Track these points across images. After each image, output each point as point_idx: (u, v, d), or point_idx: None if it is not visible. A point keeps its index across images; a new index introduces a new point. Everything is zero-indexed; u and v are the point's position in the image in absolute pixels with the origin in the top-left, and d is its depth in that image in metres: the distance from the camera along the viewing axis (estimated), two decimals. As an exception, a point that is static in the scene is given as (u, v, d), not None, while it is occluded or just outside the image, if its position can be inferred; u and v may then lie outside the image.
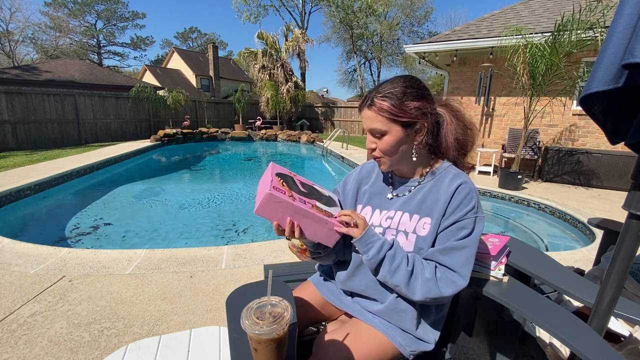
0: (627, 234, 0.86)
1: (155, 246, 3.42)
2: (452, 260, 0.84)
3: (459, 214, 0.85)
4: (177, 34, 45.68)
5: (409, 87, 0.87)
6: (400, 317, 0.93)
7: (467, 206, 0.85)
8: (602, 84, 0.71)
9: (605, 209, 4.37)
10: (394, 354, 0.92)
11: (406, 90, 0.86)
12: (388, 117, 0.85)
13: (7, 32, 27.16)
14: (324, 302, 1.08)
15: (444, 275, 0.83)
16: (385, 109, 0.85)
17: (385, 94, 0.85)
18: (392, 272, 0.84)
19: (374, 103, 0.86)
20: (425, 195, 0.91)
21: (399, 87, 0.86)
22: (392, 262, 0.85)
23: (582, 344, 0.81)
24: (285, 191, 0.83)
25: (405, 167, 0.95)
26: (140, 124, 12.39)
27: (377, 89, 0.88)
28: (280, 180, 0.87)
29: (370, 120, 0.88)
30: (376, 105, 0.86)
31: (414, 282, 0.84)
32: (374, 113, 0.86)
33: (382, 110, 0.85)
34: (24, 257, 2.59)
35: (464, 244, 0.84)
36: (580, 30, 4.52)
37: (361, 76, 29.17)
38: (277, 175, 0.88)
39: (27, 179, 5.02)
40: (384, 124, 0.86)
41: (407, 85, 0.87)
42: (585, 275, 1.64)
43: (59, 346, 1.62)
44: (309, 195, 0.89)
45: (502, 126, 7.06)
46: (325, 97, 25.05)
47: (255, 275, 2.37)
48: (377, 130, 0.87)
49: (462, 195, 0.86)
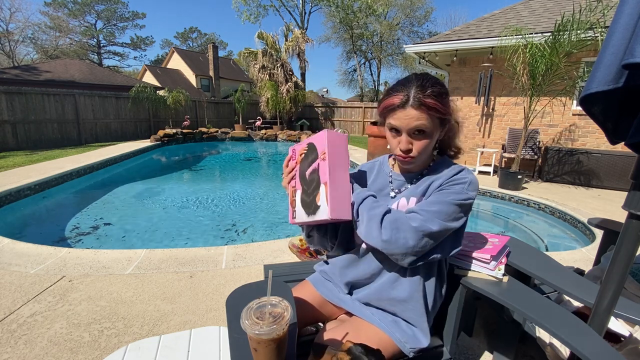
0: (627, 234, 0.86)
1: (155, 246, 3.42)
2: (424, 208, 0.86)
3: (449, 184, 0.89)
4: (177, 34, 45.74)
5: (442, 84, 0.88)
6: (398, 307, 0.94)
7: (459, 181, 0.89)
8: (602, 84, 0.71)
9: (605, 209, 4.37)
10: (393, 350, 0.92)
11: (442, 88, 0.87)
12: (436, 116, 0.86)
13: (7, 32, 27.17)
14: (323, 301, 1.08)
15: (413, 215, 0.86)
16: (434, 107, 0.84)
17: (430, 92, 0.85)
18: (372, 207, 0.88)
19: (422, 102, 0.83)
20: (424, 182, 0.95)
21: (437, 84, 0.87)
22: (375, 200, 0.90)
23: (582, 344, 0.81)
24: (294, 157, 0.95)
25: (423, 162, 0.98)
26: (140, 124, 12.40)
27: (418, 88, 0.85)
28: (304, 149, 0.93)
29: (416, 119, 0.85)
30: (425, 104, 0.84)
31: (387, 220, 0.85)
32: (421, 112, 0.84)
33: (430, 109, 0.84)
34: (24, 257, 2.59)
35: (439, 200, 0.86)
36: (580, 30, 4.52)
37: (361, 76, 29.20)
38: (308, 144, 0.93)
39: (27, 179, 5.02)
40: (431, 122, 0.86)
41: (441, 83, 0.88)
42: (585, 275, 1.64)
43: (59, 346, 1.62)
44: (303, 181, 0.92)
45: (502, 126, 7.06)
46: (325, 97, 25.07)
47: (255, 275, 2.37)
48: (424, 129, 0.86)
49: (457, 175, 0.90)
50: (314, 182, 0.88)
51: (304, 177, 0.91)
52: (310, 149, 0.91)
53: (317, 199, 0.85)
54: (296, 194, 0.92)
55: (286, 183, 0.97)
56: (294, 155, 0.96)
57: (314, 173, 0.88)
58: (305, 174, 0.91)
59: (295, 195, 0.93)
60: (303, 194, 0.91)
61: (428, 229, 0.83)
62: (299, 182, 0.93)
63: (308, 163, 0.90)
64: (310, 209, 0.87)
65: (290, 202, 0.93)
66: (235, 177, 7.73)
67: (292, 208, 0.93)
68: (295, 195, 0.93)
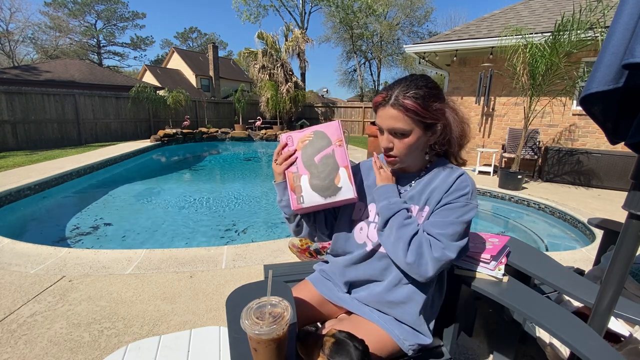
0: (627, 234, 0.86)
1: (155, 246, 3.42)
2: (439, 231, 0.86)
3: (452, 197, 0.88)
4: (177, 34, 45.72)
5: (432, 87, 0.87)
6: (397, 309, 0.94)
7: (461, 191, 0.88)
8: (602, 84, 0.71)
9: (605, 209, 4.37)
10: (393, 348, 0.92)
11: (430, 91, 0.86)
12: (413, 118, 0.85)
13: (7, 32, 27.17)
14: (323, 300, 1.08)
15: (434, 242, 0.85)
16: (411, 109, 0.84)
17: (412, 93, 0.84)
18: (403, 224, 0.87)
19: (399, 102, 0.84)
20: (423, 187, 0.94)
21: (423, 87, 0.85)
22: (407, 216, 0.89)
23: (582, 344, 0.81)
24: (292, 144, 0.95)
25: (413, 164, 0.97)
26: (140, 124, 12.39)
27: (402, 88, 0.86)
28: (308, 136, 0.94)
29: (393, 119, 0.86)
30: (403, 105, 0.84)
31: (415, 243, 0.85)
32: (399, 112, 0.85)
33: (408, 110, 0.84)
34: (24, 257, 2.59)
35: (451, 222, 0.86)
36: (580, 30, 4.52)
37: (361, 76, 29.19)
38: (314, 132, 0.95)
39: (27, 179, 5.02)
40: (409, 124, 0.86)
41: (430, 86, 0.87)
42: (585, 275, 1.64)
43: (59, 346, 1.62)
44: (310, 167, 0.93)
45: (502, 126, 7.06)
46: (325, 97, 25.05)
47: (255, 275, 2.37)
48: (400, 130, 0.87)
49: (457, 183, 0.89)
50: (329, 166, 0.92)
51: (312, 162, 0.93)
52: (318, 136, 0.94)
53: (337, 181, 0.91)
54: (300, 179, 0.93)
55: (282, 169, 0.94)
56: (291, 142, 0.95)
57: (329, 158, 0.92)
58: (313, 160, 0.93)
59: (299, 181, 0.92)
60: (313, 179, 0.92)
61: (447, 258, 0.84)
62: (303, 168, 0.93)
63: (316, 149, 0.93)
64: (329, 191, 0.92)
65: (293, 188, 0.92)
66: (235, 177, 7.73)
67: (295, 194, 0.92)
68: (299, 180, 0.93)
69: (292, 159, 0.93)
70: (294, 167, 0.94)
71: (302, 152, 0.94)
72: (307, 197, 0.92)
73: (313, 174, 0.92)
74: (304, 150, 0.94)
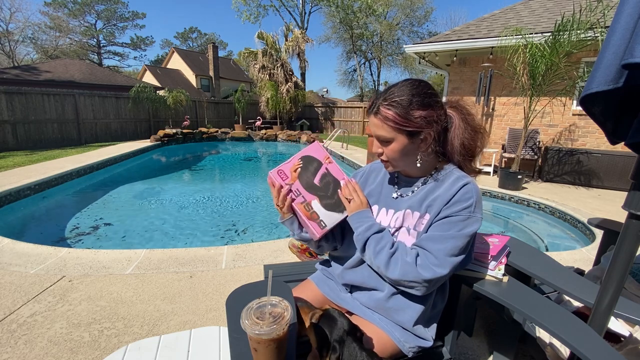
0: (627, 234, 0.86)
1: (155, 246, 3.42)
2: (435, 246, 0.84)
3: (454, 209, 0.85)
4: (177, 34, 45.74)
5: (416, 94, 0.85)
6: (397, 315, 0.94)
7: (464, 203, 0.85)
8: (602, 84, 0.71)
9: (605, 209, 4.37)
10: (393, 349, 0.92)
11: (412, 99, 0.84)
12: (393, 126, 0.85)
13: (7, 32, 27.17)
14: (324, 299, 1.08)
15: (424, 261, 0.83)
16: (390, 118, 0.85)
17: (392, 102, 0.84)
18: (376, 252, 0.87)
19: (379, 111, 0.86)
20: (426, 194, 0.92)
21: (406, 95, 0.84)
22: (378, 243, 0.88)
23: (582, 344, 0.81)
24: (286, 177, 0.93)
25: (411, 170, 0.96)
26: (140, 124, 12.39)
27: (384, 96, 0.87)
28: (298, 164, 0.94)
29: (375, 127, 0.88)
30: (381, 114, 0.86)
31: (393, 263, 0.85)
32: (379, 121, 0.87)
33: (386, 119, 0.85)
34: (24, 257, 2.59)
35: (451, 235, 0.84)
36: (580, 31, 4.52)
37: (361, 76, 29.19)
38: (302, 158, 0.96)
39: (27, 179, 5.02)
40: (389, 132, 0.86)
41: (415, 93, 0.85)
42: (585, 275, 1.64)
43: (59, 346, 1.62)
44: (315, 190, 0.94)
45: (502, 126, 7.06)
46: (325, 97, 25.08)
47: (255, 275, 2.37)
48: (382, 137, 0.88)
49: (461, 193, 0.86)
50: (331, 183, 0.96)
51: (313, 185, 0.95)
52: (306, 160, 0.96)
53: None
54: (312, 206, 0.93)
55: (288, 205, 0.93)
56: (283, 176, 0.93)
57: (326, 177, 0.96)
58: (313, 183, 0.95)
59: (312, 208, 0.93)
60: (323, 200, 0.94)
61: (439, 275, 0.82)
62: (309, 194, 0.94)
63: (311, 172, 0.96)
64: (342, 206, 0.95)
65: (309, 218, 0.92)
66: (235, 177, 7.73)
67: (313, 221, 0.92)
68: (311, 207, 0.93)
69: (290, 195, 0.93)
70: (300, 198, 0.93)
71: (299, 180, 0.94)
72: (326, 219, 0.93)
73: (321, 196, 0.94)
74: (301, 178, 0.94)
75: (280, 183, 0.93)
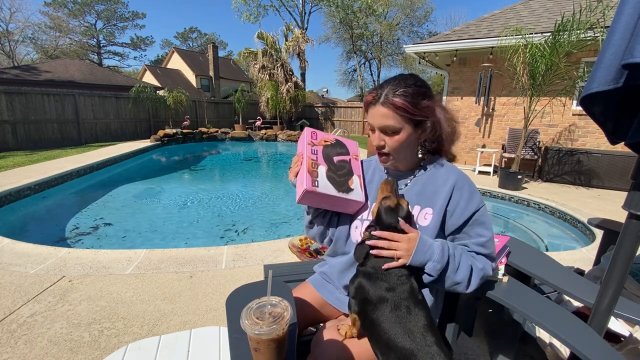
0: (627, 234, 0.86)
1: (155, 246, 3.42)
2: (487, 251, 0.92)
3: (472, 209, 0.90)
4: (177, 34, 45.68)
5: (420, 86, 0.89)
6: None
7: (475, 199, 0.91)
8: (603, 84, 0.71)
9: (605, 209, 4.37)
10: None
11: (419, 90, 0.88)
12: (403, 115, 0.87)
13: (7, 32, 27.16)
14: (323, 302, 1.08)
15: (486, 263, 0.91)
16: (401, 107, 0.86)
17: (401, 92, 0.86)
18: (455, 270, 0.86)
19: (389, 100, 0.87)
20: (422, 187, 0.95)
21: (412, 85, 0.87)
22: (454, 260, 0.86)
23: (582, 344, 0.81)
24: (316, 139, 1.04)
25: (404, 162, 0.98)
26: (140, 124, 12.39)
27: (391, 87, 0.88)
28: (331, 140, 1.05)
29: (383, 117, 0.88)
30: (392, 103, 0.86)
31: (474, 275, 0.88)
32: (388, 110, 0.87)
33: (398, 108, 0.86)
34: (24, 257, 2.59)
35: (490, 235, 0.92)
36: (580, 31, 4.52)
37: (361, 76, 29.14)
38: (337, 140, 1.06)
39: (27, 179, 5.02)
40: (399, 121, 0.88)
41: (419, 85, 0.89)
42: (585, 275, 1.64)
43: (58, 346, 1.62)
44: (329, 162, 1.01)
45: (502, 126, 7.06)
46: (325, 97, 25.06)
47: (255, 275, 2.37)
48: (391, 127, 0.89)
49: (465, 189, 0.91)
50: (344, 169, 1.01)
51: (331, 159, 1.01)
52: (338, 144, 1.06)
53: (350, 183, 0.99)
54: (318, 167, 0.97)
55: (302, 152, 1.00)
56: (314, 137, 1.04)
57: (345, 163, 1.03)
58: (332, 158, 1.01)
59: (317, 168, 0.97)
60: (330, 172, 0.98)
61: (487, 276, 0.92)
62: (322, 160, 0.99)
63: (336, 152, 1.04)
64: (342, 187, 0.97)
65: (310, 171, 0.95)
66: (235, 177, 7.73)
67: (312, 177, 0.94)
68: (317, 167, 0.97)
69: (309, 151, 0.99)
70: (314, 155, 0.99)
71: (323, 148, 1.02)
72: (322, 183, 0.95)
73: (331, 168, 0.99)
74: (325, 148, 1.03)
75: (308, 139, 1.02)
